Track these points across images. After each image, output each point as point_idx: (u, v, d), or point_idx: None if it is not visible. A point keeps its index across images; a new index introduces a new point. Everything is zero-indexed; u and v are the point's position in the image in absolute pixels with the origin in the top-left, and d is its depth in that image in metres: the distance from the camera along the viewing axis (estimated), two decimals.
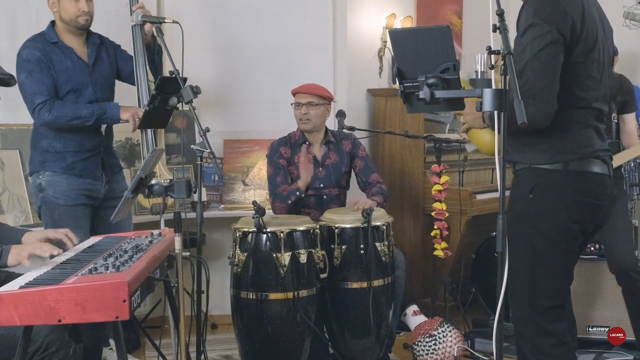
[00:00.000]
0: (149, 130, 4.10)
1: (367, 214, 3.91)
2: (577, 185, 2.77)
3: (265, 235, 3.74)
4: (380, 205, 4.31)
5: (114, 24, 4.45)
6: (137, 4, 4.14)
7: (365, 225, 3.92)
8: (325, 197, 4.46)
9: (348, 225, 3.96)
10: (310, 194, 4.44)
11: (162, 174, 4.15)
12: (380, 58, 5.74)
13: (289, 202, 4.25)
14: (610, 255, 4.22)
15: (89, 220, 4.04)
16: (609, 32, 2.95)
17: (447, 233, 4.55)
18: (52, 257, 2.80)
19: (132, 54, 4.13)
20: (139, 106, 4.09)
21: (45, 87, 3.86)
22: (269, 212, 4.27)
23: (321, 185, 4.46)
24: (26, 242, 2.98)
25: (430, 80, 2.44)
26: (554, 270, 2.83)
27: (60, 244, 2.97)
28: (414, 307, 4.66)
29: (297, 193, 4.25)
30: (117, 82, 4.27)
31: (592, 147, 2.81)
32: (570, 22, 2.69)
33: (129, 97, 4.16)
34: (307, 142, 4.50)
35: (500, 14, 2.32)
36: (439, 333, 4.23)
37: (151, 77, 4.18)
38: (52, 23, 4.04)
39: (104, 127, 4.10)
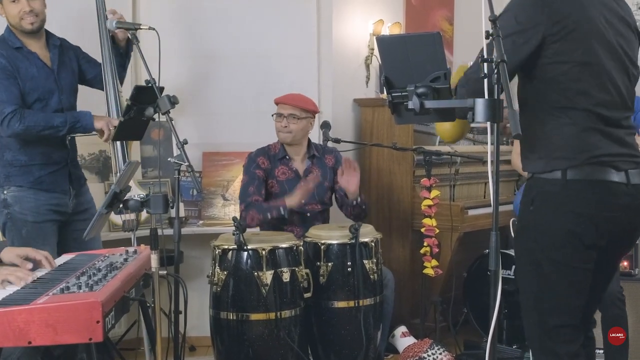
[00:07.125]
0: (118, 142, 4.09)
1: (354, 229, 3.92)
2: (575, 196, 2.69)
3: (246, 253, 3.74)
4: (361, 214, 4.34)
5: (88, 32, 4.44)
6: (110, 9, 4.13)
7: (353, 241, 3.93)
8: (308, 214, 4.47)
9: (335, 242, 3.97)
10: (293, 211, 4.45)
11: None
12: (367, 66, 5.76)
13: (269, 215, 4.24)
14: None
15: (56, 237, 3.99)
16: (628, 36, 2.84)
17: (437, 250, 4.55)
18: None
19: (100, 60, 4.13)
20: (108, 115, 4.08)
21: (13, 96, 3.80)
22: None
23: (304, 202, 4.46)
24: (5, 259, 2.96)
25: (420, 90, 2.45)
26: (557, 286, 2.76)
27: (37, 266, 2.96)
28: (402, 328, 4.67)
29: (282, 212, 4.22)
30: (87, 91, 4.26)
31: (591, 152, 2.69)
32: (547, 20, 2.64)
33: (100, 109, 4.15)
34: (287, 157, 4.51)
35: (493, 20, 2.32)
36: (429, 355, 4.24)
37: (120, 88, 4.18)
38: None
39: (68, 138, 4.04)
